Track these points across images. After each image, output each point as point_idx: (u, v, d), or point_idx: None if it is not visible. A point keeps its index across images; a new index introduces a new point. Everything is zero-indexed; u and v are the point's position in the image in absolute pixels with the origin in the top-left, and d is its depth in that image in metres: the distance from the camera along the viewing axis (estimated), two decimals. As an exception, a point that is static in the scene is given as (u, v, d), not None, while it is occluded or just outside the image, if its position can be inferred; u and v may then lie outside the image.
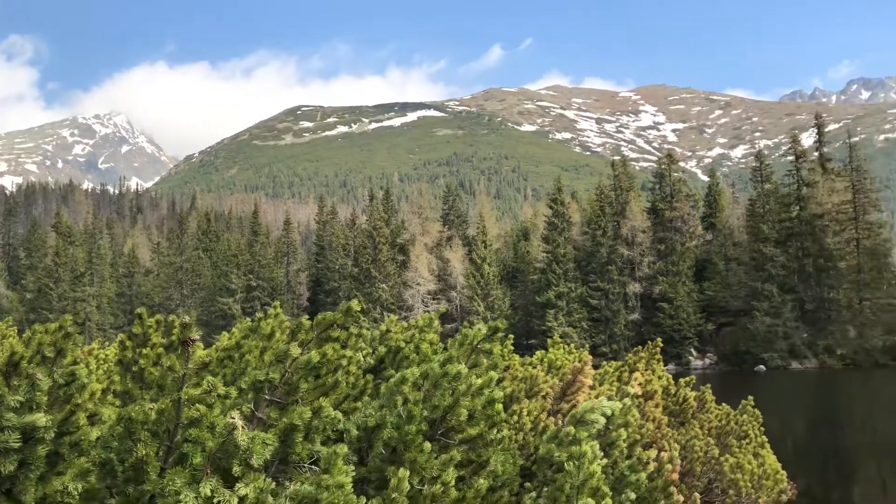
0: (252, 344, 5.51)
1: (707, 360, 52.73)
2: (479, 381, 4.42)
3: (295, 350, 3.87)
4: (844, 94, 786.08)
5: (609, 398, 5.88)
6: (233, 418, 3.20)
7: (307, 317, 4.95)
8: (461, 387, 4.29)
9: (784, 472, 7.32)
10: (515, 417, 6.15)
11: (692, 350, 53.01)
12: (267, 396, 3.82)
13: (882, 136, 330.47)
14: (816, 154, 57.39)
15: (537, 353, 9.17)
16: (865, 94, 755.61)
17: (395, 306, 56.71)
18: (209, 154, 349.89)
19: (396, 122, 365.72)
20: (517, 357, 8.35)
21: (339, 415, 4.07)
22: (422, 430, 4.07)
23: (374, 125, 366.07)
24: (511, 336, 8.86)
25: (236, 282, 62.44)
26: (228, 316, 58.43)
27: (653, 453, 7.03)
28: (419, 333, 6.35)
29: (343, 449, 3.49)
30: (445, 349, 5.84)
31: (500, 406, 4.38)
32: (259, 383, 3.80)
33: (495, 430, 4.43)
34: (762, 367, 48.70)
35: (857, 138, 65.90)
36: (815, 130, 59.43)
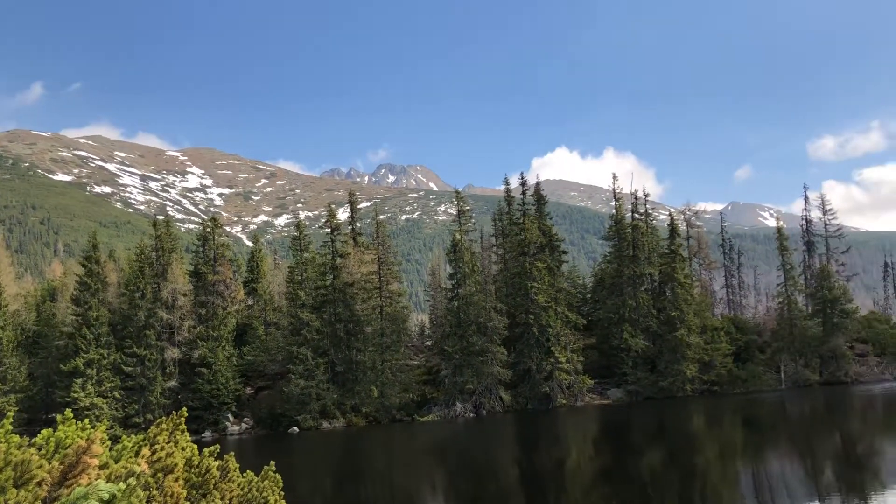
0: None
1: (244, 425, 52.84)
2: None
3: None
4: (375, 175, 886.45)
5: (117, 478, 5.34)
6: None
7: None
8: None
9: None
10: (1, 511, 5.21)
11: (229, 416, 52.67)
12: None
13: (404, 217, 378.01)
14: (350, 228, 63.01)
15: (44, 431, 8.02)
16: (392, 178, 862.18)
17: None
18: None
19: None
20: (16, 437, 7.19)
21: None
22: None
23: None
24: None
25: None
26: None
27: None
28: None
29: None
30: None
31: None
32: None
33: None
34: (296, 428, 50.52)
35: (383, 216, 74.06)
36: (349, 206, 65.26)
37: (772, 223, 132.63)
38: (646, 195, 70.24)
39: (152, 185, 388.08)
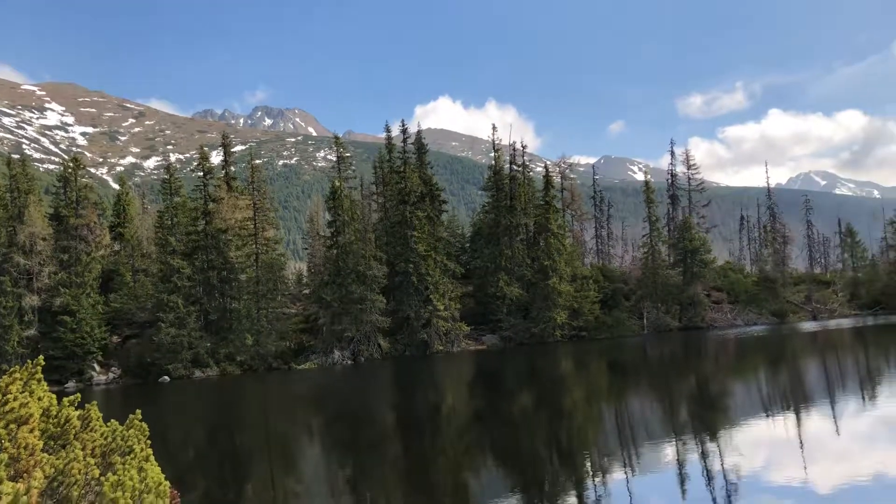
0: None
1: (111, 374, 50.79)
2: None
3: None
4: (251, 118, 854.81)
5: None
6: None
7: None
8: None
9: (167, 483, 7.29)
10: None
11: (95, 365, 50.45)
12: None
13: (281, 162, 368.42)
14: (223, 172, 60.72)
15: None
16: (269, 121, 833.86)
17: None
18: None
19: None
20: None
21: None
22: None
23: None
24: None
25: None
26: None
27: (22, 485, 6.29)
28: None
29: None
30: None
31: None
32: None
33: None
34: (167, 377, 49.09)
35: (259, 161, 71.84)
36: (223, 149, 62.81)
37: (640, 177, 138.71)
38: (524, 147, 71.56)
39: (6, 120, 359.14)
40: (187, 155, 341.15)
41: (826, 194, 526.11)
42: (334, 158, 65.14)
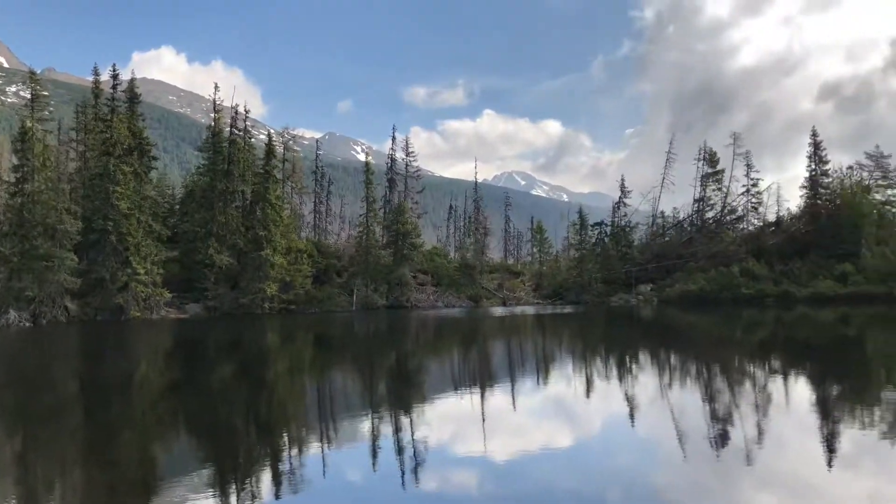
0: None
1: None
2: None
3: None
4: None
5: None
6: None
7: None
8: None
9: None
10: None
11: None
12: None
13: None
14: None
15: None
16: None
17: None
18: None
19: None
20: None
21: None
22: None
23: None
24: None
25: None
26: None
27: None
28: None
29: None
30: None
31: None
32: None
33: None
34: None
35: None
36: None
37: (362, 157, 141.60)
38: (247, 111, 69.45)
39: None
40: None
41: (525, 193, 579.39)
42: (28, 96, 57.76)
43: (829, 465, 11.61)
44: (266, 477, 11.53)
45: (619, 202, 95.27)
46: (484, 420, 15.83)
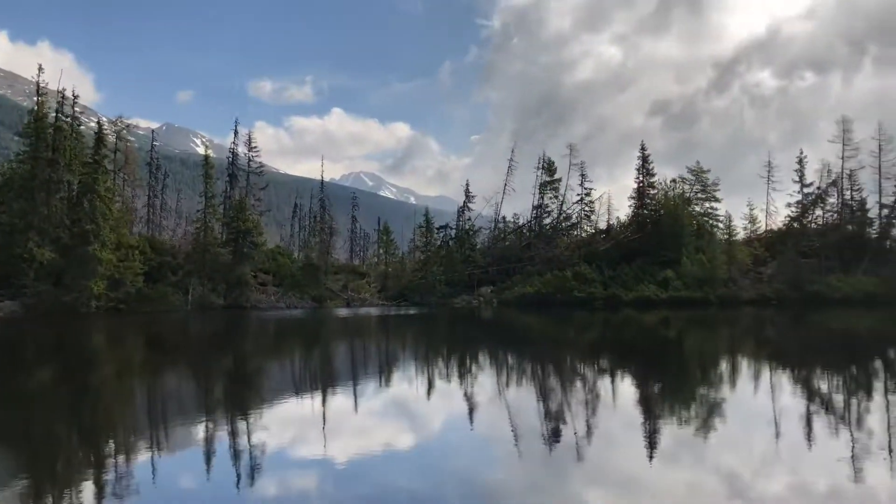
0: None
1: None
2: None
3: None
4: None
5: None
6: None
7: None
8: None
9: None
10: None
11: None
12: None
13: None
14: None
15: None
16: None
17: None
18: None
19: None
20: None
21: None
22: None
23: None
24: None
25: None
26: None
27: None
28: None
29: None
30: None
31: None
32: None
33: None
34: None
35: None
36: None
37: (202, 150, 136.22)
38: (75, 97, 65.01)
39: None
40: None
41: (373, 194, 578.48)
42: None
43: (651, 458, 12.49)
44: (88, 487, 10.84)
45: (463, 206, 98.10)
46: (324, 422, 15.70)
